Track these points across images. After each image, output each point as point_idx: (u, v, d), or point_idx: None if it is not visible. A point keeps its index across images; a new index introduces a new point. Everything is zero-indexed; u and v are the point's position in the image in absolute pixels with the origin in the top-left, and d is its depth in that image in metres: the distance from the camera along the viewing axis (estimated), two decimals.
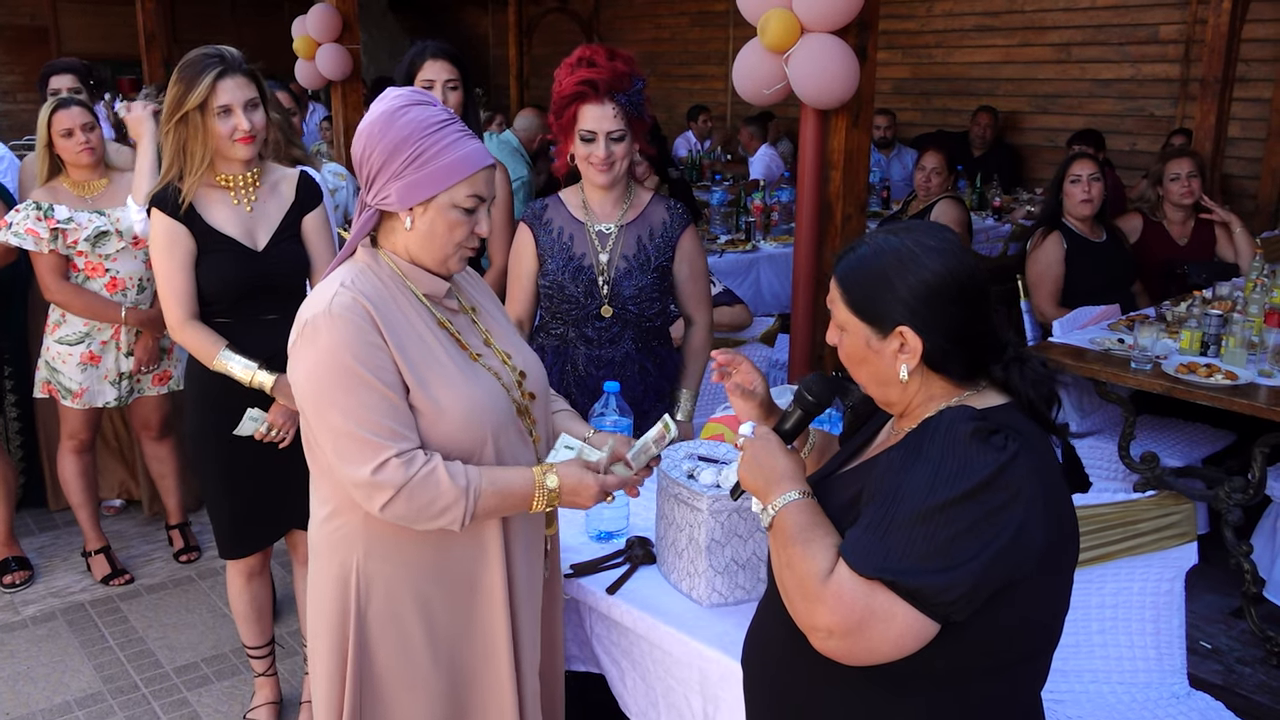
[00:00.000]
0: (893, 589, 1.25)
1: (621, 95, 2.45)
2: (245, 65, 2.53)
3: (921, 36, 8.78)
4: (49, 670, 3.25)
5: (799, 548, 1.34)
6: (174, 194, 2.51)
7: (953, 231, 1.45)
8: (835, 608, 1.26)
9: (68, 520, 4.07)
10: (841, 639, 1.28)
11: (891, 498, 1.29)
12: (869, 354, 1.42)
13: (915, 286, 1.36)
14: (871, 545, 1.27)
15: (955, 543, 1.23)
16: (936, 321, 1.36)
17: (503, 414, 1.75)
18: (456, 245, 1.71)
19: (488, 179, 1.70)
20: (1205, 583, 3.37)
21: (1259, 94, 6.70)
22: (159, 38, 8.09)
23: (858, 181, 3.29)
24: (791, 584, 1.33)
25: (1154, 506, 2.30)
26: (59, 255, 3.39)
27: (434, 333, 1.72)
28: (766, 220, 6.21)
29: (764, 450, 1.48)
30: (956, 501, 1.23)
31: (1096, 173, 4.23)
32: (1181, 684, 2.29)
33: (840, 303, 1.43)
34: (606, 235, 2.59)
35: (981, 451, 1.25)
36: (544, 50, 11.62)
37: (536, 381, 1.88)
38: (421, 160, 1.64)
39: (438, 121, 1.66)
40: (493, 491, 1.66)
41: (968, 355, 1.39)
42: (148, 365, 3.57)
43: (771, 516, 1.41)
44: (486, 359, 1.79)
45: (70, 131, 3.37)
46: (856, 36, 3.04)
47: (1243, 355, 3.33)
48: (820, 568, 1.30)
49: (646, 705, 2.00)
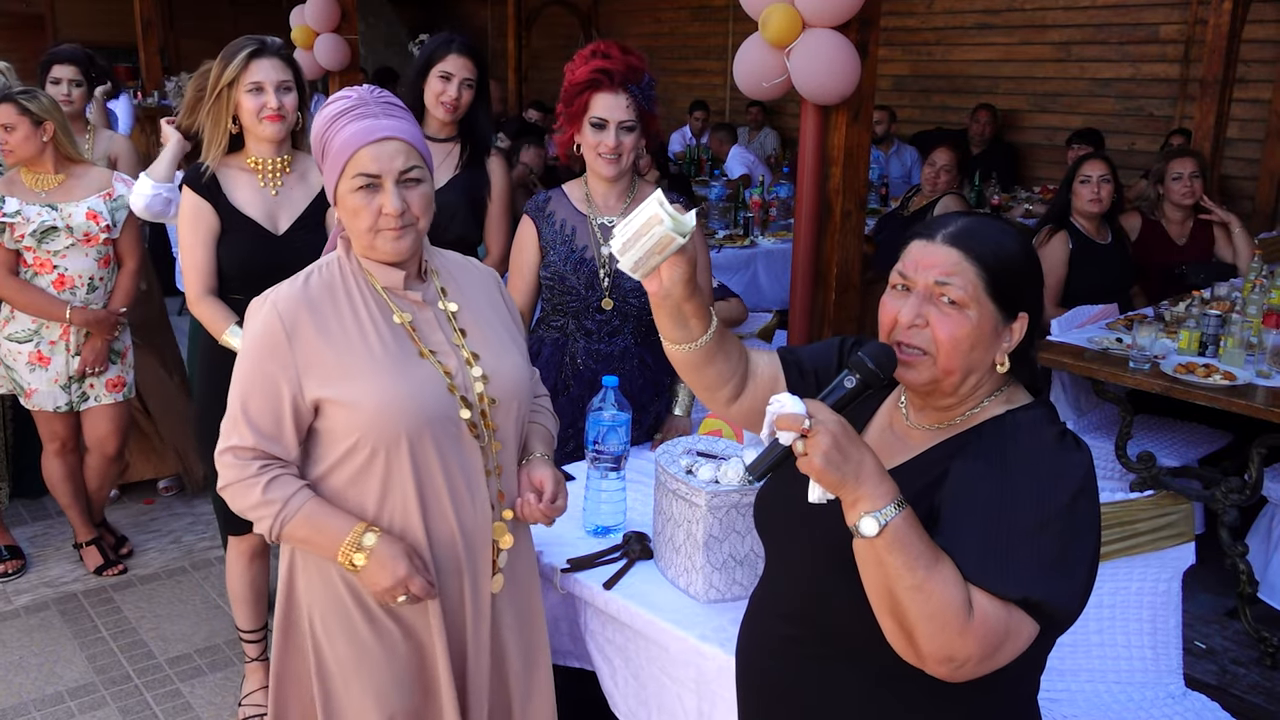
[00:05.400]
0: (1025, 607, 1.21)
1: (634, 87, 2.45)
2: (284, 51, 2.63)
3: (921, 34, 8.76)
4: (41, 660, 3.24)
5: (928, 572, 1.20)
6: (205, 172, 2.62)
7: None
8: (983, 639, 1.20)
9: (60, 510, 4.05)
10: (978, 664, 1.22)
11: (998, 509, 1.25)
12: (989, 339, 1.36)
13: (1038, 276, 1.40)
14: (1002, 565, 1.22)
15: (1070, 550, 1.23)
16: (1032, 314, 1.39)
17: (431, 412, 1.72)
18: (368, 229, 1.71)
19: (375, 154, 1.68)
20: (1200, 583, 3.37)
21: (1258, 95, 6.69)
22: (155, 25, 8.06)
23: (857, 177, 3.28)
24: (923, 611, 1.20)
25: (1152, 506, 2.30)
26: (6, 249, 3.34)
27: (377, 326, 1.74)
28: (765, 216, 6.20)
29: (848, 440, 1.23)
30: (1065, 510, 1.24)
31: (1107, 174, 4.21)
32: (1177, 684, 2.29)
33: (973, 279, 1.33)
34: (609, 228, 2.58)
35: (1069, 455, 1.28)
36: (543, 43, 11.58)
37: (507, 387, 1.83)
38: (324, 155, 1.73)
39: (337, 113, 1.71)
40: (306, 521, 1.69)
41: (1032, 349, 1.42)
42: (93, 367, 3.47)
43: (882, 525, 1.21)
44: (441, 356, 1.77)
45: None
46: (858, 32, 3.03)
47: (1241, 356, 3.33)
48: (959, 597, 1.20)
49: (636, 705, 1.99)
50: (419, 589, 1.70)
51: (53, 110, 3.37)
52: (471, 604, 1.81)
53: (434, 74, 3.05)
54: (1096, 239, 4.26)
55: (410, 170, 1.71)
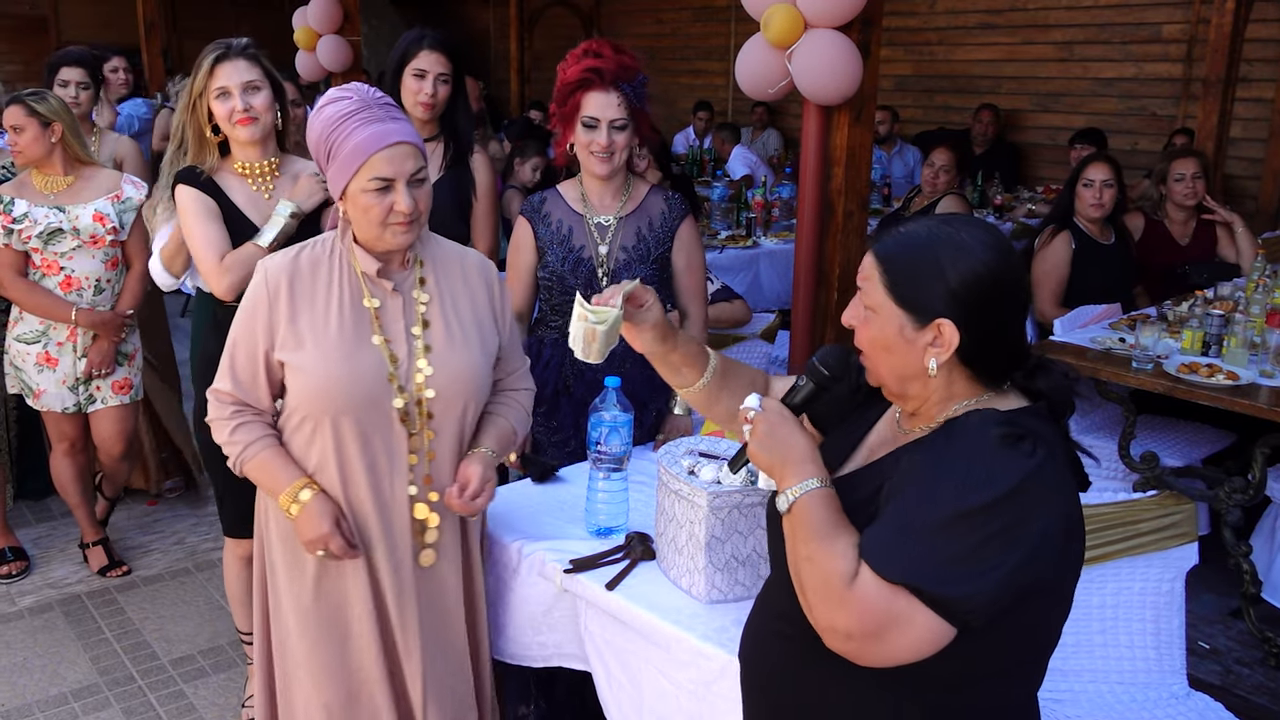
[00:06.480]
0: (916, 595, 1.22)
1: (626, 85, 2.45)
2: (250, 50, 2.61)
3: (924, 34, 8.76)
4: (45, 661, 3.25)
5: (821, 544, 1.28)
6: (201, 175, 2.64)
7: (1000, 230, 1.42)
8: (858, 612, 1.24)
9: (64, 511, 4.06)
10: (860, 642, 1.25)
11: (917, 501, 1.25)
12: (899, 343, 1.34)
13: (966, 279, 1.29)
14: (897, 549, 1.23)
15: (981, 550, 1.20)
16: (978, 319, 1.30)
17: (365, 396, 1.88)
18: (378, 224, 1.85)
19: (389, 158, 1.81)
20: (1204, 583, 3.37)
21: (1261, 94, 6.69)
22: (159, 27, 8.05)
23: (860, 178, 3.27)
24: (811, 581, 1.29)
25: (1155, 506, 2.29)
26: (15, 251, 3.35)
27: (343, 307, 1.90)
28: (767, 216, 6.20)
29: (780, 426, 1.38)
30: (985, 509, 1.20)
31: (1110, 179, 4.18)
32: (1181, 684, 2.29)
33: (877, 284, 1.35)
34: (606, 227, 2.59)
35: (1011, 458, 1.23)
36: (545, 44, 11.58)
37: (450, 382, 1.93)
38: (332, 155, 1.84)
39: (343, 115, 1.82)
40: (259, 466, 1.91)
41: (1002, 356, 1.35)
42: (100, 369, 3.48)
43: (791, 502, 1.33)
44: (394, 345, 1.91)
45: (5, 129, 3.33)
46: (860, 32, 3.03)
47: (1244, 355, 3.33)
48: (844, 569, 1.25)
49: (631, 711, 1.98)
50: (336, 548, 1.87)
51: (61, 112, 3.39)
52: (392, 574, 1.97)
53: (408, 72, 3.02)
54: (1099, 239, 4.25)
55: (418, 172, 1.86)
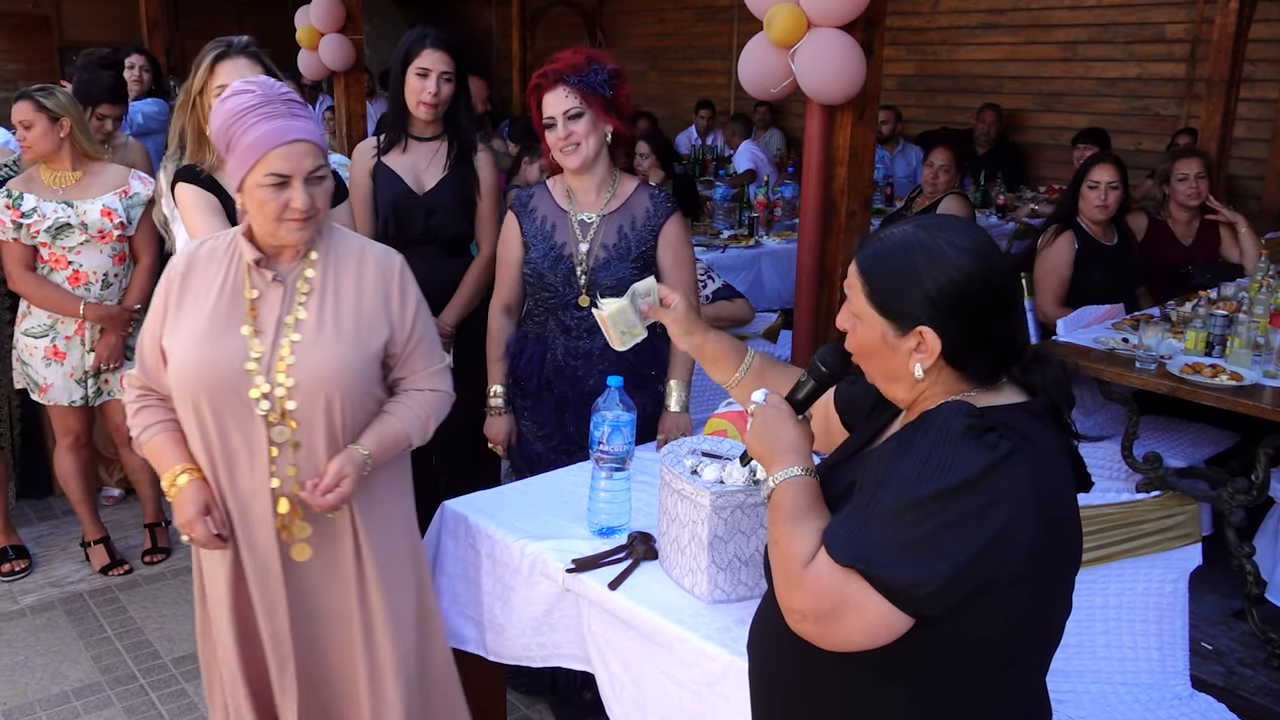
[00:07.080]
0: (866, 579, 1.24)
1: (572, 78, 2.46)
2: (251, 49, 2.61)
3: (927, 33, 8.75)
4: (47, 660, 3.25)
5: (788, 527, 1.34)
6: (201, 172, 2.64)
7: (983, 230, 1.39)
8: (811, 593, 1.28)
9: (66, 509, 4.06)
10: (815, 624, 1.28)
11: (876, 487, 1.27)
12: (882, 348, 1.37)
13: (943, 286, 1.30)
14: (850, 533, 1.26)
15: (933, 538, 1.21)
16: (960, 324, 1.31)
17: (221, 381, 1.89)
18: (273, 220, 1.87)
19: (286, 155, 1.82)
20: (1207, 584, 3.36)
21: (1265, 94, 6.68)
22: (161, 26, 8.03)
23: (862, 177, 3.27)
24: (776, 562, 1.34)
25: (1159, 507, 2.29)
26: (24, 245, 3.37)
27: (224, 296, 1.93)
28: (769, 216, 6.19)
29: (774, 418, 1.47)
30: (938, 496, 1.21)
31: (1116, 181, 4.15)
32: (1184, 685, 2.28)
33: (859, 292, 1.38)
34: (588, 224, 2.60)
35: (972, 449, 1.23)
36: (547, 44, 11.56)
37: (314, 374, 1.91)
38: (230, 147, 1.85)
39: (244, 108, 1.82)
40: (151, 450, 1.99)
41: (988, 357, 1.35)
42: (108, 363, 3.50)
43: (771, 488, 1.40)
44: (264, 335, 1.92)
45: (15, 125, 3.36)
46: (863, 32, 3.03)
47: (1248, 356, 3.32)
48: (803, 551, 1.30)
49: (633, 710, 1.98)
50: (198, 534, 1.91)
51: (69, 107, 3.41)
52: (251, 564, 1.99)
53: (411, 71, 3.01)
54: (1102, 240, 4.24)
55: (317, 170, 1.87)
